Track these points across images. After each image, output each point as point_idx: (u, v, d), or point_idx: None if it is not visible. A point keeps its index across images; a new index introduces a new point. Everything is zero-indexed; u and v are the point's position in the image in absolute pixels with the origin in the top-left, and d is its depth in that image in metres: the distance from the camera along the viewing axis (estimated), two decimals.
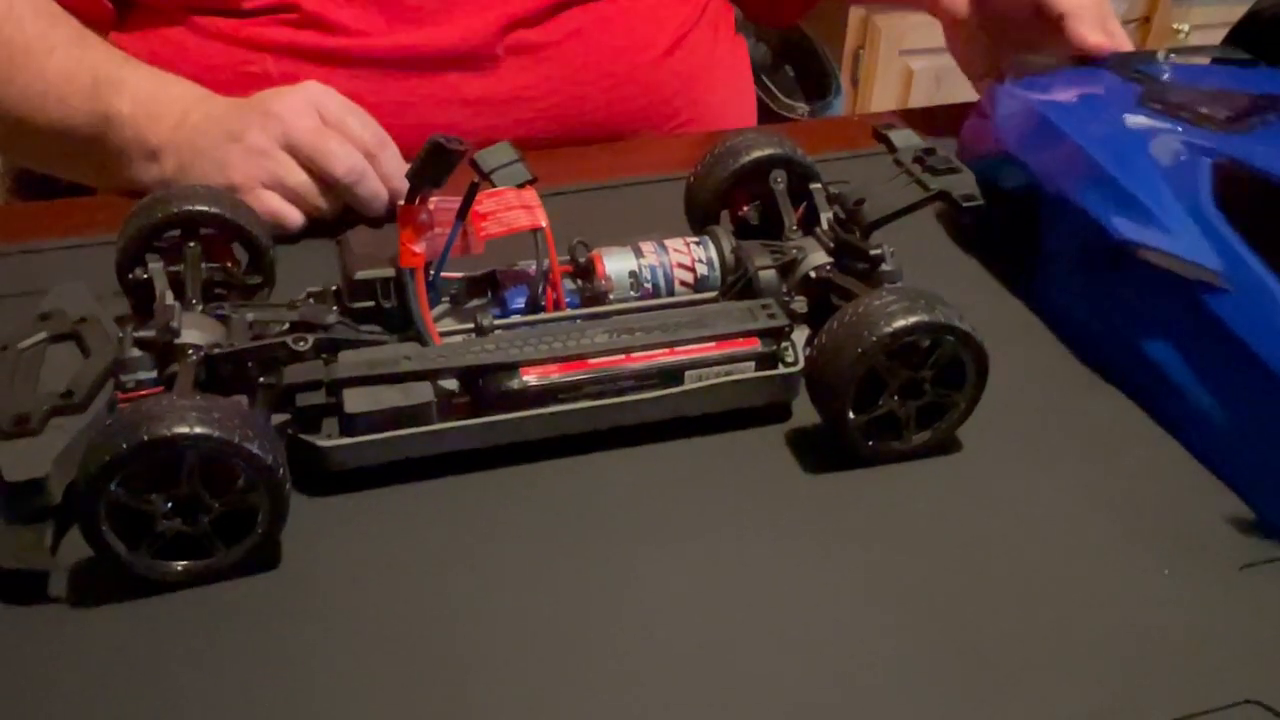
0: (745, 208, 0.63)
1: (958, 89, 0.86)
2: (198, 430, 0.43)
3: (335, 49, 0.77)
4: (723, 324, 0.54)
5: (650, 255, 0.58)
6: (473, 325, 0.53)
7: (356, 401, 0.50)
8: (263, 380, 0.50)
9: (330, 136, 0.67)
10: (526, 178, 0.54)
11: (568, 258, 0.57)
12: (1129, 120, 0.63)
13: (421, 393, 0.51)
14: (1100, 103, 0.67)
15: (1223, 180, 0.56)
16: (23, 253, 0.67)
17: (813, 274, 0.57)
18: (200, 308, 0.53)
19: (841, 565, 0.48)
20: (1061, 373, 0.60)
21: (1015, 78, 0.71)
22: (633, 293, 0.57)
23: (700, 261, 0.58)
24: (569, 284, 0.57)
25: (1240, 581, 0.48)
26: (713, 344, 0.54)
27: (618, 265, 0.57)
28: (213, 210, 0.57)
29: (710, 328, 0.54)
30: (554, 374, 0.52)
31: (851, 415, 0.52)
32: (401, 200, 0.52)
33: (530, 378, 0.52)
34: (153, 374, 0.49)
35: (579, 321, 0.55)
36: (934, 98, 1.75)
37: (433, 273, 0.53)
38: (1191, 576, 0.48)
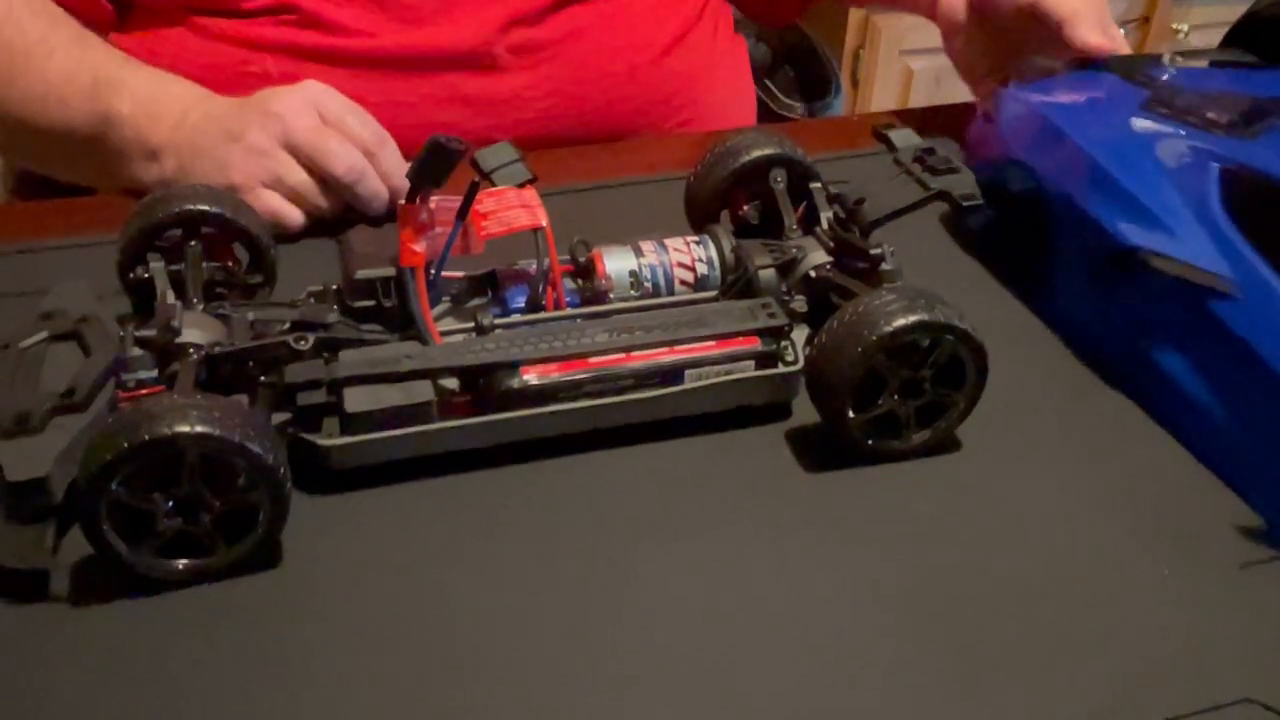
0: (745, 207, 0.63)
1: (958, 89, 0.86)
2: (199, 429, 0.43)
3: (335, 49, 0.77)
4: (723, 323, 0.54)
5: (650, 254, 0.58)
6: (473, 324, 0.53)
7: (357, 400, 0.50)
8: (263, 379, 0.50)
9: (330, 135, 0.67)
10: (526, 177, 0.54)
11: (568, 257, 0.57)
12: (1135, 124, 0.63)
13: (422, 392, 0.51)
14: (1106, 107, 0.67)
15: (1230, 185, 0.56)
16: (23, 252, 0.67)
17: (812, 273, 0.57)
18: (201, 307, 0.53)
19: (841, 564, 0.48)
20: (1061, 373, 0.60)
21: (1020, 82, 0.71)
22: (633, 292, 0.57)
23: (700, 261, 0.58)
24: (569, 283, 0.57)
25: (1240, 581, 0.48)
26: (713, 343, 0.54)
27: (618, 264, 0.57)
28: (213, 210, 0.57)
29: (710, 327, 0.54)
30: (554, 373, 0.52)
31: (851, 414, 0.52)
32: (402, 199, 0.52)
33: (530, 377, 0.52)
34: (154, 373, 0.49)
35: (579, 321, 0.55)
36: (934, 98, 1.75)
37: (433, 272, 0.53)
38: (1191, 576, 0.48)
